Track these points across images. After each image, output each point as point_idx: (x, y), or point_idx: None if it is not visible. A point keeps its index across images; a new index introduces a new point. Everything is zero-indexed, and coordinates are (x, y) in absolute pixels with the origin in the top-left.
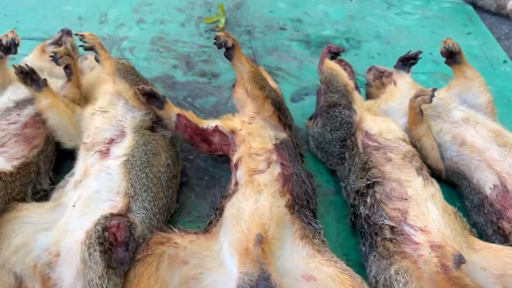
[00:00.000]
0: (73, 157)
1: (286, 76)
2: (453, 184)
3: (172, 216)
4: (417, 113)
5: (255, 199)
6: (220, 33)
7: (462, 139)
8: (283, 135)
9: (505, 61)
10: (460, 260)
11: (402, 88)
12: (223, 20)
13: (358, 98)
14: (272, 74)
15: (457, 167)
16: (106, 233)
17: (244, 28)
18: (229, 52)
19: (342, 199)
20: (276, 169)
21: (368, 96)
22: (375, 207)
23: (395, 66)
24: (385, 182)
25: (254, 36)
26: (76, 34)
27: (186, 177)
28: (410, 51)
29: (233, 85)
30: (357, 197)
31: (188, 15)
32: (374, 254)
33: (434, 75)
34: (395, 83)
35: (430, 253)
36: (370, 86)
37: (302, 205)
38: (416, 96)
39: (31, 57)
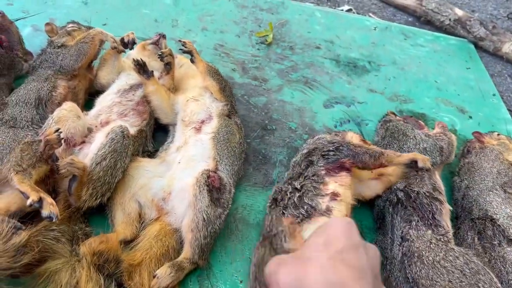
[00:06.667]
0: (165, 131)
1: (320, 87)
2: None
3: (239, 180)
4: None
5: None
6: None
7: None
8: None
9: (494, 94)
10: None
11: None
12: (271, 36)
13: None
14: (310, 84)
15: None
16: (209, 180)
17: (287, 44)
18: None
19: None
20: None
21: None
22: None
23: None
24: None
25: (295, 52)
26: (179, 41)
27: (246, 155)
28: None
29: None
30: None
31: (242, 28)
32: None
33: (437, 99)
34: None
35: None
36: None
37: None
38: None
39: (134, 52)
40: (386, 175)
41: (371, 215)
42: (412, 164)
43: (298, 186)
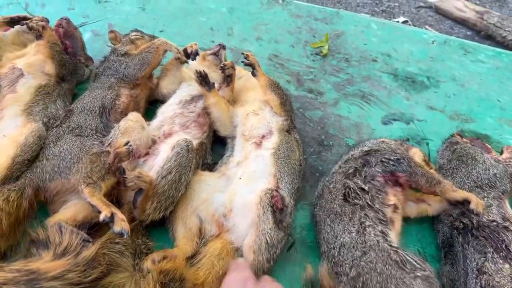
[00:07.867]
0: (222, 143)
1: (378, 102)
2: None
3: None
4: None
5: None
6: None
7: None
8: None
9: None
10: None
11: None
12: (326, 47)
13: None
14: (367, 99)
15: None
16: (272, 200)
17: (343, 55)
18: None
19: None
20: None
21: None
22: None
23: None
24: None
25: (351, 64)
26: (242, 53)
27: (303, 172)
28: None
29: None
30: None
31: (296, 38)
32: None
33: (500, 120)
34: None
35: None
36: None
37: None
38: None
39: (195, 63)
40: (426, 203)
41: (434, 243)
42: (464, 204)
43: (365, 187)
